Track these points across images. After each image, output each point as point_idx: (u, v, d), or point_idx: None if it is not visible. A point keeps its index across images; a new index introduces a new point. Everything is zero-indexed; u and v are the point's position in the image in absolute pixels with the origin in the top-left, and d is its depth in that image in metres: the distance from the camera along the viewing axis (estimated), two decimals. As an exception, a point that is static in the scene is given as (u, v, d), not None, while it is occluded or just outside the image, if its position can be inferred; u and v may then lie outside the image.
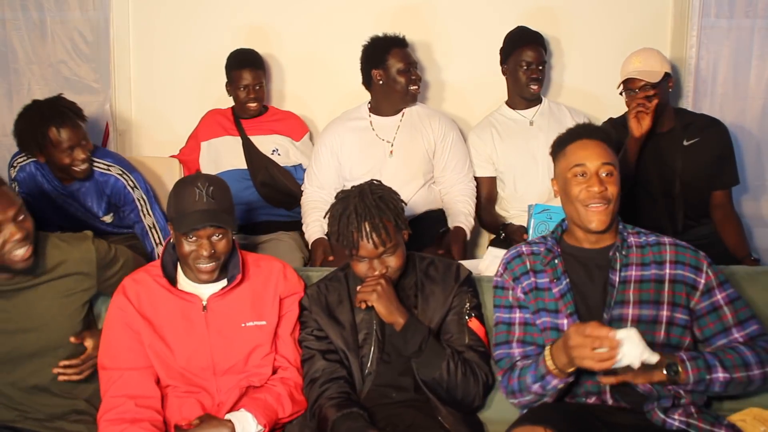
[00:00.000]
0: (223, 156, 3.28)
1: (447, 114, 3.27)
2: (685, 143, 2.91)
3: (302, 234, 3.24)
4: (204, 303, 2.08)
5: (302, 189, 3.17)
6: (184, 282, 2.12)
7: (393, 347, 2.10)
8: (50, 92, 3.48)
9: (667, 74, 2.86)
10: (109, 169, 2.87)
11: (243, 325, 2.09)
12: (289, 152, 3.33)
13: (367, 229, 2.01)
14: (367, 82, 3.13)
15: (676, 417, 1.88)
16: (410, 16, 3.48)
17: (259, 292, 2.13)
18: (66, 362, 2.06)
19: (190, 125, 3.42)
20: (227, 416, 1.99)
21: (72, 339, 2.07)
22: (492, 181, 3.22)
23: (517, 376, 1.97)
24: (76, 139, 2.70)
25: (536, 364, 1.91)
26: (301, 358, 2.15)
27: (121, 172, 2.88)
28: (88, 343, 2.10)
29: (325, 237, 2.98)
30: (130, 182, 2.88)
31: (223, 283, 2.12)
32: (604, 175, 1.98)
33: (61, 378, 2.05)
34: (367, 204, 2.04)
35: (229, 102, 3.41)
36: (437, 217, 3.11)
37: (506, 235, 3.04)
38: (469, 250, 3.26)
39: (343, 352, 2.10)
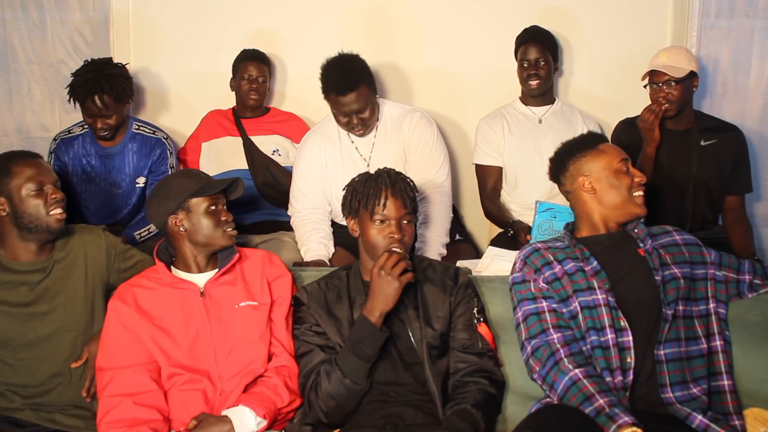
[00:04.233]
0: (224, 156, 3.28)
1: (423, 111, 3.08)
2: (703, 143, 2.93)
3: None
4: (201, 289, 2.14)
5: (289, 213, 3.01)
6: (180, 274, 2.18)
7: (391, 345, 2.10)
8: (50, 92, 3.54)
9: (692, 73, 2.88)
10: (155, 133, 3.13)
11: (237, 306, 2.15)
12: (289, 153, 3.34)
13: (399, 186, 2.15)
14: None
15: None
16: (413, 20, 3.49)
17: (249, 276, 2.21)
18: (87, 385, 2.17)
19: (189, 126, 3.43)
20: (224, 412, 2.01)
21: (72, 365, 2.17)
22: (498, 170, 3.22)
23: (567, 387, 1.95)
24: (107, 111, 2.93)
25: (600, 414, 1.86)
26: (297, 352, 2.16)
27: (166, 137, 3.15)
28: (91, 353, 2.17)
29: (327, 261, 2.84)
30: (170, 147, 3.14)
31: (216, 270, 2.19)
32: None
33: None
34: (392, 174, 2.19)
35: (229, 103, 3.42)
36: None
37: (514, 231, 3.02)
38: (467, 249, 3.24)
39: (340, 347, 2.10)
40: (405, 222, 2.14)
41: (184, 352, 2.09)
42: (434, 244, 2.83)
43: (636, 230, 2.19)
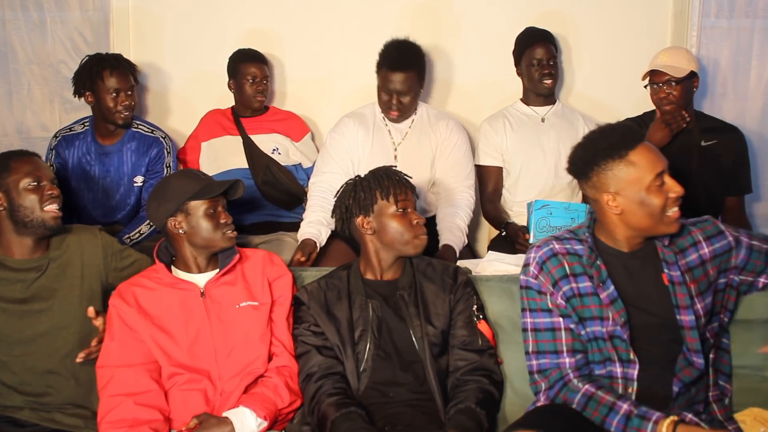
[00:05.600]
0: (224, 155, 3.28)
1: (456, 118, 3.19)
2: (703, 144, 2.94)
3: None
4: (201, 290, 2.14)
5: (311, 182, 3.06)
6: (180, 274, 2.19)
7: (390, 344, 2.11)
8: (50, 92, 3.53)
9: (692, 73, 2.89)
10: (153, 132, 3.12)
11: (237, 306, 2.15)
12: (289, 152, 3.34)
13: (407, 177, 2.25)
14: None
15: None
16: (413, 18, 3.48)
17: (249, 276, 2.21)
18: (85, 353, 2.15)
19: (190, 126, 3.42)
20: (225, 414, 2.01)
21: (90, 311, 2.16)
22: (499, 171, 3.21)
23: (583, 404, 1.89)
24: (123, 86, 2.98)
25: (631, 417, 1.81)
26: (296, 352, 2.17)
27: (164, 136, 3.14)
28: (99, 322, 2.17)
29: (314, 240, 2.82)
30: (168, 147, 3.12)
31: (217, 271, 2.19)
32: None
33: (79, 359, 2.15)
34: (398, 171, 2.27)
35: (229, 103, 3.41)
36: (432, 221, 3.02)
37: (507, 234, 3.04)
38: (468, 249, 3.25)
39: (338, 347, 2.12)
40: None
41: (184, 352, 2.09)
42: (453, 239, 2.85)
43: (666, 244, 1.95)
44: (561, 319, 1.97)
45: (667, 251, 1.95)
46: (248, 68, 3.29)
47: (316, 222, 2.85)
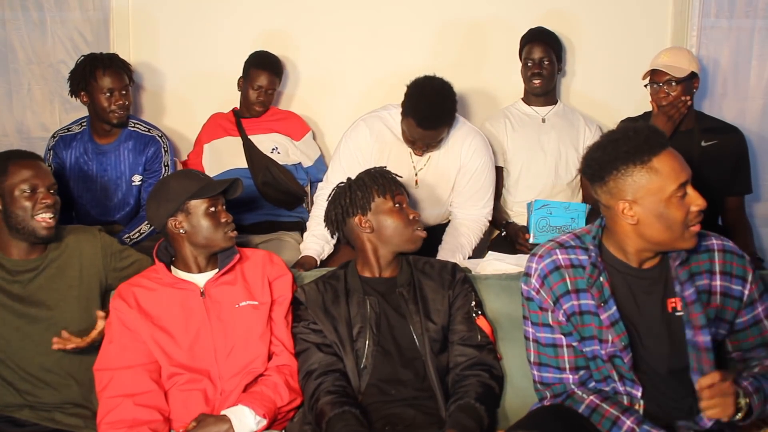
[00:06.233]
0: (224, 156, 3.28)
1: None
2: (703, 144, 2.94)
3: (303, 234, 3.24)
4: (201, 289, 2.14)
5: (320, 186, 2.95)
6: (180, 274, 2.19)
7: (390, 341, 2.12)
8: (50, 92, 3.54)
9: (693, 74, 2.89)
10: (149, 131, 3.11)
11: (237, 305, 2.15)
12: (289, 151, 3.34)
13: (398, 176, 2.29)
14: None
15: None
16: (417, 19, 3.48)
17: (249, 276, 2.21)
18: (67, 335, 2.13)
19: (190, 127, 3.43)
20: (223, 412, 2.01)
21: (99, 314, 2.16)
22: (499, 171, 3.20)
23: (587, 415, 1.84)
24: (117, 85, 2.98)
25: None
26: (296, 350, 2.17)
27: (161, 134, 3.13)
28: (100, 324, 2.16)
29: (314, 258, 2.78)
30: (165, 146, 3.11)
31: (216, 270, 2.19)
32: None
33: (54, 346, 2.11)
34: (389, 171, 2.31)
35: (230, 104, 3.41)
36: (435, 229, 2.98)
37: (507, 234, 3.04)
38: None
39: (337, 345, 2.12)
40: None
41: (184, 351, 2.09)
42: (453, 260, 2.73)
43: (677, 265, 1.83)
44: (563, 336, 1.90)
45: (680, 273, 1.83)
46: (258, 76, 3.28)
47: (321, 237, 2.79)
